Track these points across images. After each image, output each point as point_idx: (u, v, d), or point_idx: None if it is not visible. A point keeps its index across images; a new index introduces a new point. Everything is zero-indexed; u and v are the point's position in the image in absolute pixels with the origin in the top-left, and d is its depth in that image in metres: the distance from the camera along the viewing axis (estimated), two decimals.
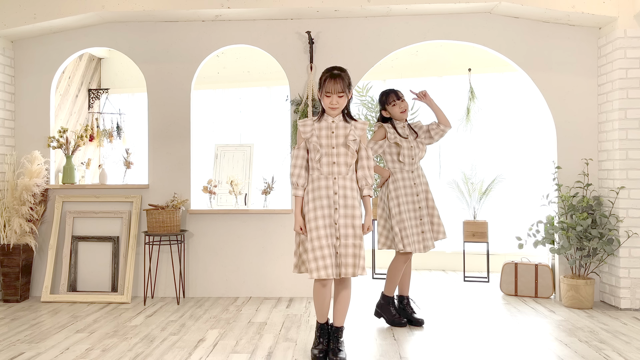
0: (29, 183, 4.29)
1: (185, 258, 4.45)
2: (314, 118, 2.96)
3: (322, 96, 2.90)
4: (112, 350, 3.09)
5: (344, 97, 2.90)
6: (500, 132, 5.49)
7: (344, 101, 2.90)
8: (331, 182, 2.85)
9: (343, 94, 2.88)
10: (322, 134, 2.88)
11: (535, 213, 4.85)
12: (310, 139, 2.88)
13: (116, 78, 6.13)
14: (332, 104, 2.88)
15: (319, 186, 2.85)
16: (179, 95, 4.51)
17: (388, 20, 4.40)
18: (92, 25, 4.55)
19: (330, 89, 2.86)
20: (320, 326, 2.98)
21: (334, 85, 2.86)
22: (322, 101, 2.91)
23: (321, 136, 2.88)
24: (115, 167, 5.59)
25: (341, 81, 2.87)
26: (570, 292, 4.02)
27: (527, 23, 4.30)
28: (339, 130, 2.90)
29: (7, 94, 4.55)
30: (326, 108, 2.91)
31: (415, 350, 3.09)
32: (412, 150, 3.59)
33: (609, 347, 3.10)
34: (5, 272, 4.28)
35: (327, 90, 2.87)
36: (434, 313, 3.88)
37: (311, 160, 2.88)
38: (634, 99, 3.98)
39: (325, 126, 2.90)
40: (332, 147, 2.86)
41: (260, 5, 4.15)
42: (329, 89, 2.87)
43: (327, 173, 2.86)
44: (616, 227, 3.98)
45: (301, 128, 2.93)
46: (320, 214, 2.80)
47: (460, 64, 5.52)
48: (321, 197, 2.83)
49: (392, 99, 3.61)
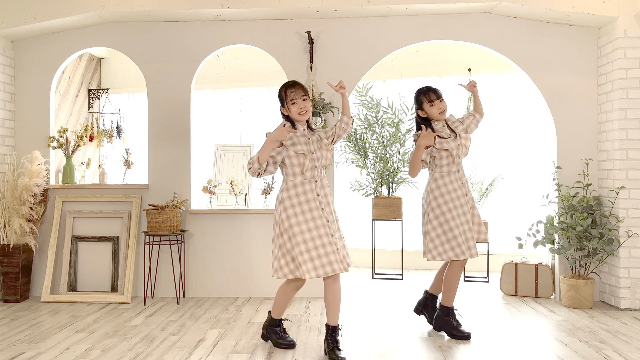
0: (29, 183, 4.29)
1: (185, 258, 4.45)
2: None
3: (289, 107, 3.02)
4: (112, 350, 3.09)
5: (308, 100, 3.03)
6: (500, 132, 5.49)
7: (309, 105, 3.03)
8: (314, 185, 3.01)
9: (306, 97, 3.03)
10: (301, 140, 3.02)
11: (535, 213, 4.85)
12: (293, 146, 2.98)
13: (116, 78, 6.13)
14: (300, 108, 3.00)
15: (305, 190, 2.98)
16: (179, 95, 4.51)
17: (388, 20, 4.40)
18: (92, 25, 4.55)
19: (294, 95, 3.01)
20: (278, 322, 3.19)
21: (296, 92, 3.01)
22: (290, 112, 3.02)
23: (301, 143, 3.01)
24: (115, 167, 5.60)
25: (300, 87, 3.03)
26: (570, 292, 4.02)
27: (527, 23, 4.30)
28: (312, 137, 3.07)
29: (7, 94, 4.55)
30: (295, 116, 3.02)
31: (415, 350, 3.09)
32: (459, 149, 3.35)
33: (609, 347, 3.10)
34: (5, 272, 4.28)
35: (291, 98, 3.01)
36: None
37: (292, 167, 2.99)
38: (634, 99, 3.98)
39: (300, 134, 3.04)
40: (312, 152, 3.01)
41: (260, 5, 4.15)
42: (292, 96, 3.01)
43: (310, 177, 3.00)
44: (616, 227, 3.98)
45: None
46: (310, 217, 2.93)
47: (460, 64, 5.51)
48: (308, 201, 2.96)
49: (431, 98, 3.34)
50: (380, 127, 5.16)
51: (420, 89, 3.43)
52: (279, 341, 3.14)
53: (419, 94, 3.41)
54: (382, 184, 5.13)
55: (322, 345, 3.14)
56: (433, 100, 3.35)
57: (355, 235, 5.87)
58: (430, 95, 3.36)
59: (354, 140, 5.19)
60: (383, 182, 5.12)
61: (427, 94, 3.36)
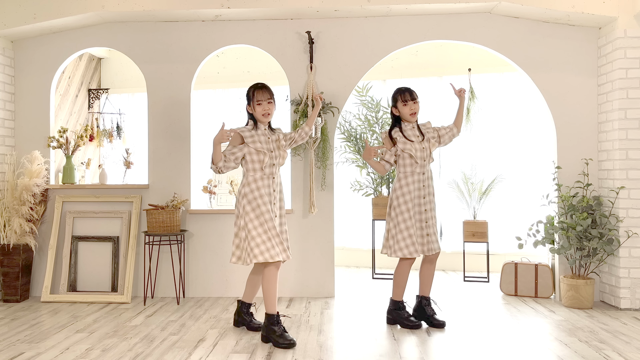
0: (29, 183, 4.29)
1: (185, 258, 4.45)
2: (250, 128, 3.30)
3: (254, 107, 3.27)
4: (112, 350, 3.09)
5: (273, 104, 3.30)
6: (500, 132, 5.49)
7: (273, 108, 3.31)
8: (271, 180, 3.29)
9: (272, 100, 3.29)
10: (262, 139, 3.28)
11: (535, 213, 4.85)
12: (254, 144, 3.24)
13: (116, 78, 6.13)
14: (264, 110, 3.26)
15: (263, 185, 3.25)
16: (179, 95, 4.51)
17: (388, 20, 4.40)
18: (92, 25, 4.55)
19: (261, 97, 3.26)
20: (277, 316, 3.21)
21: (263, 94, 3.27)
22: (255, 112, 3.28)
23: (262, 141, 3.27)
24: (115, 167, 5.60)
25: (267, 90, 3.29)
26: (570, 292, 4.02)
27: (527, 23, 4.30)
28: (272, 136, 3.34)
29: (7, 94, 4.55)
30: (259, 117, 3.28)
31: (416, 350, 3.09)
32: (424, 151, 3.48)
33: (609, 347, 3.10)
34: (5, 272, 4.28)
35: (257, 99, 3.26)
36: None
37: (253, 163, 3.24)
38: (634, 99, 3.98)
39: (261, 133, 3.30)
40: (271, 151, 3.28)
41: (260, 5, 4.15)
42: (258, 97, 3.26)
43: (268, 173, 3.27)
44: (616, 227, 3.98)
45: (247, 133, 3.26)
46: (265, 209, 3.20)
47: (460, 64, 5.52)
48: (263, 195, 3.22)
49: (405, 98, 3.47)
50: (380, 127, 5.17)
51: (399, 88, 3.57)
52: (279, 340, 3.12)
53: (396, 93, 3.56)
54: (382, 184, 5.14)
55: (322, 345, 3.15)
56: (407, 100, 3.48)
57: (355, 235, 5.87)
58: (406, 95, 3.49)
59: (354, 140, 5.19)
60: (383, 182, 5.13)
61: (403, 94, 3.51)
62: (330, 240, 4.41)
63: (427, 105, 5.60)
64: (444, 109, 5.60)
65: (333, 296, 4.39)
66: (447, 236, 5.61)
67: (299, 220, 4.42)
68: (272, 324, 3.17)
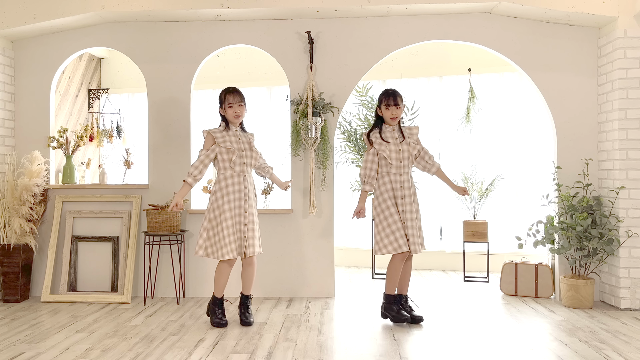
0: (29, 183, 4.29)
1: (185, 258, 4.45)
2: (222, 129, 3.55)
3: (225, 109, 3.54)
4: (112, 350, 3.09)
5: (243, 107, 3.55)
6: (500, 132, 5.49)
7: (244, 110, 3.56)
8: (242, 178, 3.51)
9: (242, 103, 3.54)
10: (233, 139, 3.52)
11: (535, 213, 4.85)
12: (224, 143, 3.47)
13: (116, 78, 6.13)
14: (235, 112, 3.51)
15: (233, 182, 3.48)
16: (179, 95, 4.51)
17: (388, 20, 4.40)
18: (92, 25, 4.55)
19: (231, 100, 3.52)
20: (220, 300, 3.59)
21: (234, 97, 3.52)
22: (226, 114, 3.54)
23: (232, 141, 3.51)
24: (115, 167, 5.60)
25: (238, 94, 3.54)
26: (570, 292, 4.02)
27: (527, 23, 4.30)
28: (243, 137, 3.58)
29: (7, 94, 4.55)
30: (230, 118, 3.54)
31: (415, 350, 3.09)
32: (401, 153, 3.56)
33: (609, 347, 3.10)
34: (5, 272, 4.29)
35: (229, 102, 3.52)
36: (434, 313, 3.88)
37: (224, 162, 3.48)
38: (634, 99, 3.98)
39: (232, 134, 3.55)
40: (242, 151, 3.51)
41: (260, 5, 4.15)
42: (230, 100, 3.52)
43: (239, 171, 3.49)
44: (616, 227, 3.98)
45: (218, 134, 3.50)
46: (232, 206, 3.44)
47: (460, 64, 5.52)
48: (234, 192, 3.46)
49: (389, 102, 3.57)
50: None
51: (386, 90, 3.64)
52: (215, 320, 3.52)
53: (382, 95, 3.64)
54: None
55: (322, 345, 3.15)
56: (390, 104, 3.58)
57: (355, 235, 5.87)
58: (390, 99, 3.58)
59: (354, 140, 5.19)
60: None
61: (387, 98, 3.60)
62: (330, 240, 4.41)
63: (427, 105, 5.61)
64: (444, 109, 5.60)
65: (333, 296, 4.39)
66: (447, 236, 5.62)
67: (299, 220, 4.42)
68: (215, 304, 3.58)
